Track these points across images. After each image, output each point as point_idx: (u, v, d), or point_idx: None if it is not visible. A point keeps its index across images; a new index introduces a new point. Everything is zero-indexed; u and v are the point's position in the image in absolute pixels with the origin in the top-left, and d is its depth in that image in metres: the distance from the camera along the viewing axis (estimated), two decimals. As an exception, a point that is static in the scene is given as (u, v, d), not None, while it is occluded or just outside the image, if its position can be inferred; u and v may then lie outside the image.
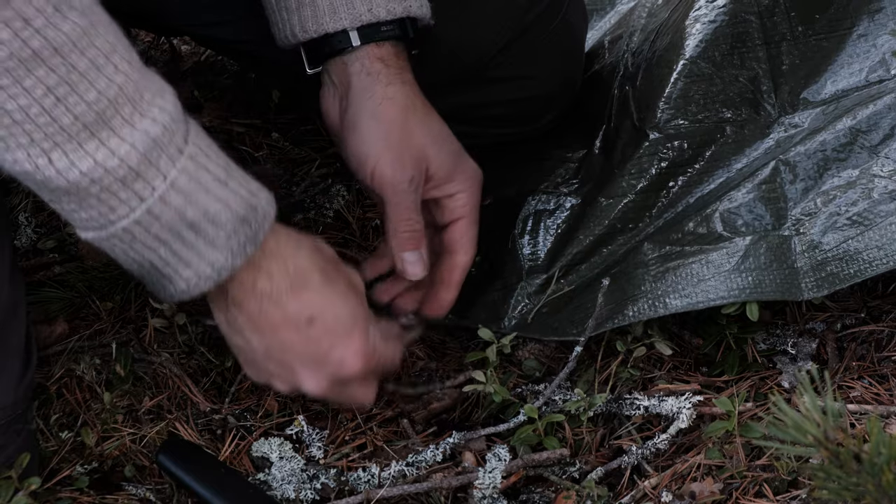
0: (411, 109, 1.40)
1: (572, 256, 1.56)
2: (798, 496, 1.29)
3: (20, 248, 1.73)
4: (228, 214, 1.15)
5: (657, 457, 1.42)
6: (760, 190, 1.48)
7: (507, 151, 1.69)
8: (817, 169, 1.47)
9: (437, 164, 1.41)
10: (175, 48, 2.12)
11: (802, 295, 1.41)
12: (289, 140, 1.93)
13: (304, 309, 1.23)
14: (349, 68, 1.40)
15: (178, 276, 1.17)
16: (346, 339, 1.26)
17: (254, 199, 1.18)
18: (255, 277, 1.20)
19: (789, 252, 1.43)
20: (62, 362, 1.54)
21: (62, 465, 1.43)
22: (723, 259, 1.44)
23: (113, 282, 1.63)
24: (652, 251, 1.49)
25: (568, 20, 1.61)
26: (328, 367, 1.26)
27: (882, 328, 1.52)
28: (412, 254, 1.40)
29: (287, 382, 1.29)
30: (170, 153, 1.11)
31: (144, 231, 1.13)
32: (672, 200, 1.53)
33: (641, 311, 1.46)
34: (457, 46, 1.54)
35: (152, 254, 1.15)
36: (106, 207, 1.11)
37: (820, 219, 1.44)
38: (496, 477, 1.40)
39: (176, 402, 1.52)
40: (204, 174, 1.14)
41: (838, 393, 1.42)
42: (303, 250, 1.24)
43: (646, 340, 1.52)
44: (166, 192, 1.12)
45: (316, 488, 1.40)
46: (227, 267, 1.17)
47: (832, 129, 1.48)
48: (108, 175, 1.09)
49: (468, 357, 1.56)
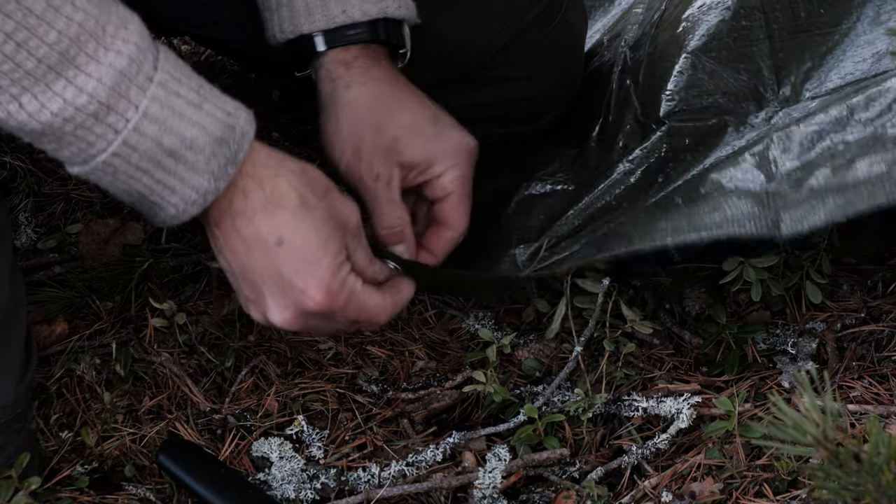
0: (377, 107, 1.40)
1: (563, 230, 1.55)
2: (798, 496, 1.29)
3: (20, 248, 1.73)
4: (206, 138, 1.15)
5: (657, 457, 1.42)
6: (753, 159, 1.47)
7: (507, 150, 1.69)
8: (811, 140, 1.46)
9: (412, 154, 1.40)
10: (175, 48, 2.12)
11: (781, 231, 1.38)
12: (289, 140, 1.93)
13: (275, 229, 1.21)
14: (319, 73, 1.42)
15: (166, 203, 1.17)
16: (313, 266, 1.23)
17: (230, 119, 1.18)
18: (232, 196, 1.20)
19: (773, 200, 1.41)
20: (62, 362, 1.54)
21: (62, 465, 1.43)
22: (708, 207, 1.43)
23: (113, 282, 1.63)
24: (643, 211, 1.48)
25: (567, 20, 1.61)
26: (292, 294, 1.23)
27: (882, 328, 1.52)
28: (398, 246, 1.40)
29: (258, 310, 1.26)
30: (139, 83, 1.12)
31: (124, 162, 1.14)
32: (667, 182, 1.53)
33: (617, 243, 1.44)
34: (456, 46, 1.54)
35: (137, 183, 1.16)
36: (84, 143, 1.12)
37: (807, 171, 1.42)
38: (496, 477, 1.40)
39: (176, 402, 1.52)
40: (176, 100, 1.14)
41: (838, 393, 1.42)
42: (284, 171, 1.23)
43: (624, 328, 1.53)
44: (140, 122, 1.12)
45: (316, 488, 1.40)
46: (211, 190, 1.17)
47: (829, 110, 1.47)
48: (80, 112, 1.10)
49: (468, 357, 1.56)
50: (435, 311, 1.67)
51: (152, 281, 1.64)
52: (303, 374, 1.57)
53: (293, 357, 1.59)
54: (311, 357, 1.59)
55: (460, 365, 1.58)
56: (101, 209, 1.80)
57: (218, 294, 1.65)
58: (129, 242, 1.72)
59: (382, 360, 1.59)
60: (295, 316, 1.25)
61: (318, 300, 1.23)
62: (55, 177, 1.85)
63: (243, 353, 1.58)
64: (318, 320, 1.26)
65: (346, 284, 1.25)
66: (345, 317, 1.27)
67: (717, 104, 1.53)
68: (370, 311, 1.29)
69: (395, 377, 1.58)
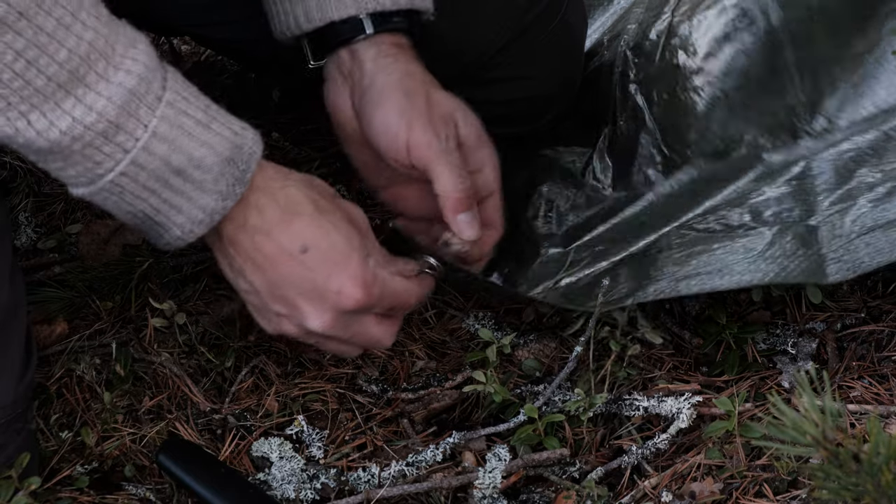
0: (433, 83, 1.39)
1: (590, 240, 1.55)
2: (798, 496, 1.29)
3: (20, 248, 1.73)
4: (214, 157, 1.15)
5: (657, 457, 1.42)
6: (791, 185, 1.47)
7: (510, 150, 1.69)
8: (848, 167, 1.46)
9: (466, 130, 1.38)
10: (175, 48, 2.12)
11: (828, 279, 1.39)
12: (289, 140, 1.93)
13: (297, 238, 1.22)
14: (362, 55, 1.38)
15: (171, 223, 1.17)
16: (343, 265, 1.23)
17: (238, 139, 1.18)
18: (246, 214, 1.20)
19: (816, 240, 1.42)
20: (62, 362, 1.54)
21: (62, 465, 1.43)
22: (749, 246, 1.44)
23: (113, 282, 1.63)
24: (677, 238, 1.49)
25: (567, 20, 1.61)
26: (328, 297, 1.24)
27: (882, 328, 1.52)
28: (466, 214, 1.36)
29: (294, 322, 1.26)
30: (148, 102, 1.12)
31: (132, 182, 1.14)
32: (700, 202, 1.53)
33: (661, 290, 1.45)
34: (456, 46, 1.54)
35: (143, 203, 1.16)
36: (91, 163, 1.12)
37: (850, 210, 1.43)
38: (496, 477, 1.40)
39: (176, 402, 1.52)
40: (185, 119, 1.14)
41: (838, 393, 1.42)
42: (292, 183, 1.23)
43: (636, 333, 1.52)
44: (149, 141, 1.12)
45: (316, 488, 1.40)
46: (218, 209, 1.17)
47: (865, 133, 1.47)
48: (89, 131, 1.10)
49: (468, 357, 1.56)
50: (435, 311, 1.67)
51: (152, 281, 1.64)
52: (303, 373, 1.57)
53: (293, 357, 1.59)
54: (310, 357, 1.59)
55: (460, 365, 1.58)
56: (101, 209, 1.79)
57: (218, 294, 1.65)
58: (129, 242, 1.72)
59: (382, 360, 1.59)
60: (335, 318, 1.25)
61: (356, 297, 1.23)
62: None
63: (243, 353, 1.58)
64: (356, 319, 1.27)
65: (378, 275, 1.26)
66: (383, 306, 1.28)
67: (748, 138, 1.53)
68: (402, 296, 1.29)
69: (395, 377, 1.58)
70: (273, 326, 1.29)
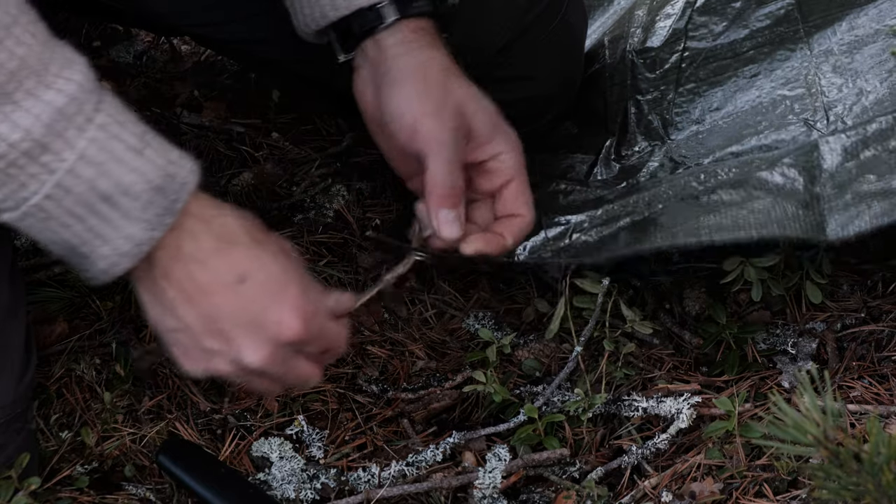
0: (451, 70, 1.36)
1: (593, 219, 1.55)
2: (798, 496, 1.29)
3: (20, 248, 1.73)
4: (143, 184, 1.11)
5: (657, 457, 1.42)
6: (798, 160, 1.46)
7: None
8: (856, 147, 1.46)
9: (478, 122, 1.35)
10: (175, 48, 2.12)
11: (828, 236, 1.38)
12: (289, 140, 1.93)
13: (233, 267, 1.16)
14: (384, 42, 1.36)
15: (96, 255, 1.13)
16: (282, 296, 1.18)
17: (172, 168, 1.13)
18: (180, 240, 1.15)
19: (819, 204, 1.41)
20: (62, 362, 1.54)
21: (62, 465, 1.43)
22: (751, 208, 1.42)
23: (113, 281, 1.63)
24: (683, 206, 1.47)
25: (567, 20, 1.61)
26: (266, 329, 1.17)
27: (882, 328, 1.52)
28: (449, 212, 1.31)
29: (228, 358, 1.19)
30: (77, 123, 1.09)
31: (56, 206, 1.10)
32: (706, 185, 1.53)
33: (659, 240, 1.44)
34: (456, 47, 1.54)
35: (67, 231, 1.12)
36: (16, 184, 1.08)
37: (853, 182, 1.42)
38: (496, 477, 1.40)
39: (176, 402, 1.52)
40: (116, 144, 1.10)
41: (838, 393, 1.42)
42: (226, 213, 1.18)
43: (625, 327, 1.52)
44: (75, 164, 1.09)
45: (316, 488, 1.40)
46: (145, 240, 1.13)
47: (877, 120, 1.47)
48: (13, 149, 1.06)
49: (468, 357, 1.56)
50: (435, 311, 1.67)
51: (152, 281, 1.64)
52: (303, 374, 1.57)
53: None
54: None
55: (460, 365, 1.58)
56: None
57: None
58: (129, 242, 1.72)
59: (382, 360, 1.59)
60: (273, 352, 1.18)
61: (295, 328, 1.17)
62: (55, 177, 1.85)
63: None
64: (291, 354, 1.20)
65: (318, 308, 1.20)
66: (318, 344, 1.22)
67: (765, 142, 1.53)
68: (337, 337, 1.24)
69: (395, 377, 1.58)
70: (203, 366, 1.21)
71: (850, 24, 1.56)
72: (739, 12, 1.64)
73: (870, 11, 1.55)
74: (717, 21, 1.65)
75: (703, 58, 1.63)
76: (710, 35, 1.64)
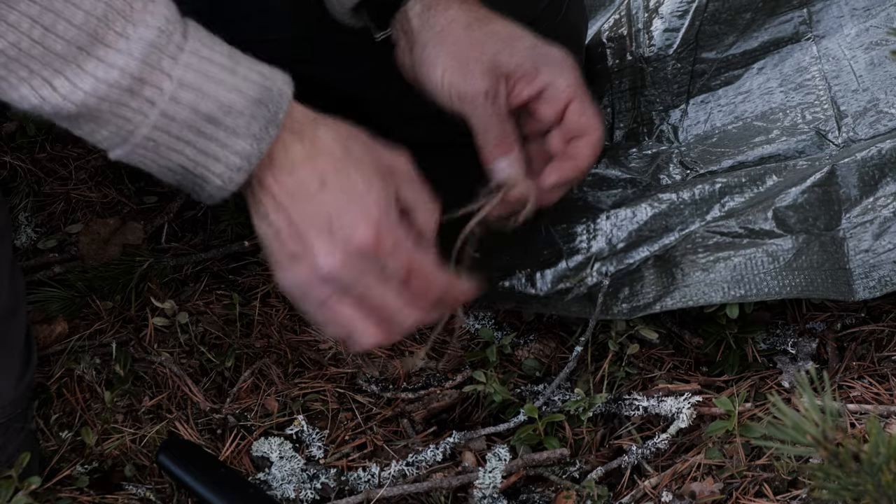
0: (474, 24, 1.37)
1: (613, 244, 1.55)
2: (798, 496, 1.29)
3: (20, 248, 1.73)
4: (243, 101, 1.15)
5: (657, 456, 1.42)
6: (815, 192, 1.48)
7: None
8: (873, 175, 1.47)
9: (515, 65, 1.36)
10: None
11: (856, 296, 1.42)
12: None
13: (317, 174, 1.19)
14: (410, 12, 1.39)
15: (210, 174, 1.17)
16: (358, 202, 1.19)
17: (267, 81, 1.17)
18: (273, 152, 1.18)
19: (842, 254, 1.44)
20: (62, 362, 1.54)
21: (62, 465, 1.43)
22: (775, 255, 1.45)
23: (113, 282, 1.63)
24: (702, 240, 1.49)
25: (568, 20, 1.61)
26: (338, 232, 1.18)
27: (882, 328, 1.52)
28: (502, 159, 1.34)
29: (306, 262, 1.19)
30: (170, 52, 1.12)
31: (164, 134, 1.13)
32: (722, 206, 1.53)
33: (689, 297, 1.46)
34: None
35: (179, 156, 1.15)
36: (122, 120, 1.12)
37: (874, 223, 1.44)
38: (496, 477, 1.40)
39: (176, 402, 1.52)
40: (209, 66, 1.14)
41: (838, 393, 1.42)
42: (321, 123, 1.22)
43: (630, 331, 1.52)
44: (175, 91, 1.12)
45: (316, 488, 1.40)
46: (254, 153, 1.16)
47: (891, 139, 1.48)
48: (113, 89, 1.10)
49: (468, 357, 1.56)
50: (435, 310, 1.66)
51: (152, 281, 1.64)
52: (303, 373, 1.57)
53: (293, 357, 1.59)
54: (311, 357, 1.59)
55: (460, 365, 1.58)
56: (101, 209, 1.80)
57: (219, 294, 1.65)
58: (129, 242, 1.72)
59: (382, 360, 1.59)
60: (344, 258, 1.18)
61: (365, 234, 1.18)
62: (55, 177, 1.85)
63: (244, 353, 1.58)
64: (368, 270, 1.20)
65: (396, 229, 1.20)
66: (395, 264, 1.20)
67: (776, 150, 1.54)
68: (425, 268, 1.22)
69: (395, 377, 1.58)
70: (288, 274, 1.21)
71: (860, 30, 1.57)
72: (749, 23, 1.64)
73: (879, 16, 1.56)
74: (727, 31, 1.65)
75: (715, 68, 1.64)
76: (722, 45, 1.65)
